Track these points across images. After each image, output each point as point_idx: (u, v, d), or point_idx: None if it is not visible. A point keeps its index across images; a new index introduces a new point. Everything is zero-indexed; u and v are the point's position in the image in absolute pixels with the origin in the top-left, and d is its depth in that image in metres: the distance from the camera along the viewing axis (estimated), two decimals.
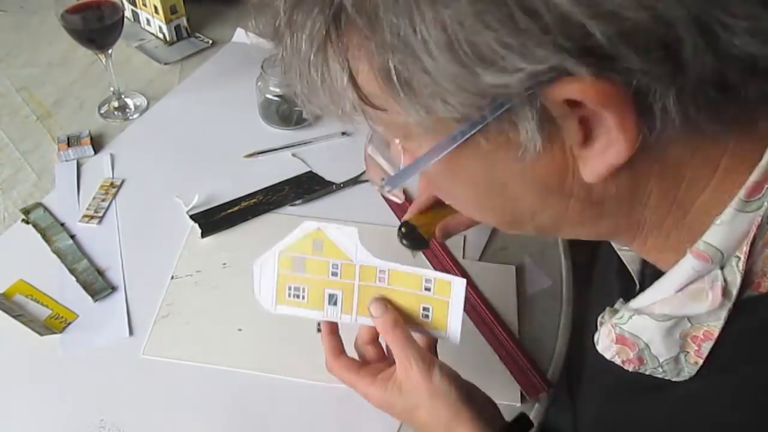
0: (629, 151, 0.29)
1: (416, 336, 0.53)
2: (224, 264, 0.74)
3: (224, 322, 0.68)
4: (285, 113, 0.91)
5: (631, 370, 0.40)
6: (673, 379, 0.39)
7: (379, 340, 0.57)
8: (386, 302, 0.53)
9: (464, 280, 0.53)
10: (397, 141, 0.36)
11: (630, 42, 0.25)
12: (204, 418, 0.61)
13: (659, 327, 0.37)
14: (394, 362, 0.53)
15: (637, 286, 0.48)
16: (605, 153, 0.30)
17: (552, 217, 0.36)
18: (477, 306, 0.70)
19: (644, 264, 0.47)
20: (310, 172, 0.86)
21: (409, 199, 0.82)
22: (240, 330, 0.68)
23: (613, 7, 0.24)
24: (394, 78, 0.29)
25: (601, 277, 0.58)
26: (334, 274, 0.55)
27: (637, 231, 0.36)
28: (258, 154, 0.88)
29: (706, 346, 0.36)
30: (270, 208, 0.80)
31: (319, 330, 0.67)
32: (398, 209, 0.80)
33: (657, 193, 0.33)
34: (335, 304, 0.56)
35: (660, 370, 0.39)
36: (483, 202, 0.37)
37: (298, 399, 0.63)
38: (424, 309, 0.54)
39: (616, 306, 0.43)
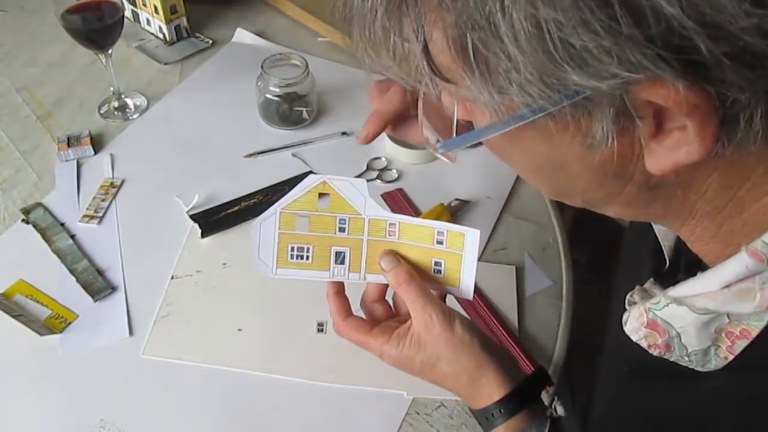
0: (702, 156, 0.28)
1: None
2: (224, 264, 0.74)
3: (224, 322, 0.69)
4: (285, 113, 0.91)
5: (655, 354, 0.39)
6: (697, 369, 0.38)
7: (385, 297, 0.56)
8: (397, 255, 0.52)
9: (478, 231, 0.51)
10: (460, 107, 0.35)
11: (735, 57, 0.25)
12: (204, 418, 0.61)
13: (696, 319, 0.36)
14: (404, 319, 0.52)
15: (667, 264, 0.47)
16: (675, 150, 0.29)
17: (604, 196, 0.36)
18: (477, 306, 0.70)
19: (679, 243, 0.45)
20: (310, 172, 0.86)
21: (410, 204, 0.82)
22: (240, 330, 0.68)
23: (724, 22, 0.24)
24: (471, 54, 0.28)
25: (632, 252, 0.56)
26: (342, 229, 0.52)
27: (688, 218, 0.36)
28: (258, 154, 0.88)
29: (741, 344, 0.35)
30: None
31: (319, 330, 0.67)
32: (394, 205, 0.80)
33: (717, 186, 0.33)
34: (342, 262, 0.53)
35: (686, 359, 0.38)
36: (538, 173, 0.37)
37: (298, 399, 0.63)
38: (436, 263, 0.52)
39: (646, 286, 0.42)
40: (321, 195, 0.52)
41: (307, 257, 0.53)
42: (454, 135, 0.36)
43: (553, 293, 0.73)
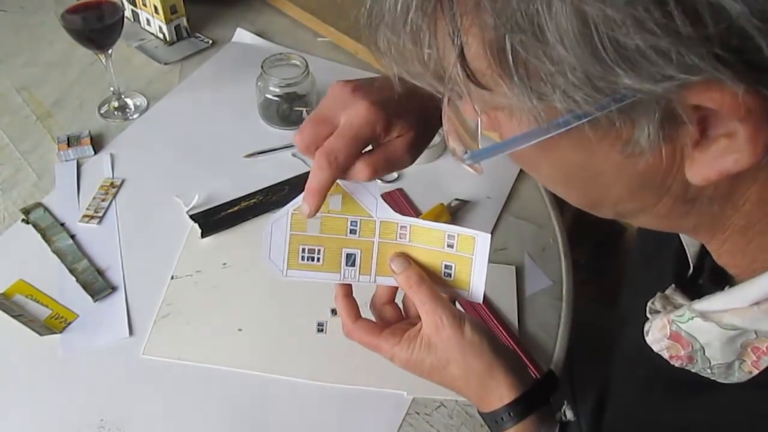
0: (751, 164, 0.27)
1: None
2: (224, 264, 0.74)
3: (224, 322, 0.69)
4: (285, 113, 0.91)
5: (677, 366, 0.39)
6: (719, 381, 0.37)
7: (395, 300, 0.56)
8: (408, 257, 0.52)
9: (489, 235, 0.50)
10: (485, 117, 0.33)
11: None
12: (204, 418, 0.61)
13: (722, 334, 0.35)
14: (414, 321, 0.52)
15: (691, 270, 0.45)
16: (721, 158, 0.27)
17: (637, 208, 0.34)
18: (477, 306, 0.70)
19: (705, 249, 0.44)
20: (310, 172, 0.86)
21: (410, 204, 0.82)
22: (240, 330, 0.68)
23: None
24: (510, 59, 0.26)
25: (648, 254, 0.55)
26: (353, 231, 0.52)
27: (719, 232, 0.35)
28: (258, 154, 0.88)
29: (767, 360, 0.34)
30: (270, 208, 0.80)
31: (319, 330, 0.67)
32: (394, 205, 0.80)
33: (754, 200, 0.32)
34: (353, 264, 0.53)
35: (708, 371, 0.37)
36: (569, 184, 0.35)
37: (298, 399, 0.63)
38: (446, 267, 0.52)
39: (668, 292, 0.41)
40: (332, 196, 0.51)
41: (318, 259, 0.53)
42: (479, 145, 0.35)
43: (553, 293, 0.73)
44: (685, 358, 0.38)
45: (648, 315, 0.41)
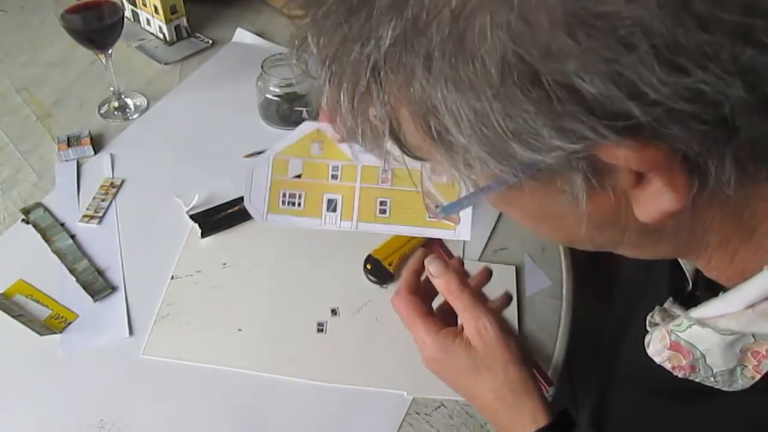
0: (683, 204, 0.28)
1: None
2: (224, 264, 0.74)
3: (224, 322, 0.69)
4: (285, 113, 0.91)
5: (680, 376, 0.39)
6: (724, 389, 0.38)
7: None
8: (444, 262, 0.51)
9: None
10: (445, 178, 0.36)
11: (671, 119, 0.24)
12: (204, 418, 0.61)
13: (720, 340, 0.36)
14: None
15: (690, 285, 0.46)
16: (659, 198, 0.28)
17: (609, 242, 0.36)
18: None
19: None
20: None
21: None
22: (240, 330, 0.68)
23: (648, 90, 0.24)
24: (435, 135, 0.29)
25: (643, 267, 0.55)
26: (334, 176, 0.54)
27: (701, 251, 0.35)
28: (258, 154, 0.88)
29: (767, 364, 0.35)
30: None
31: (319, 330, 0.67)
32: None
33: (722, 218, 0.33)
34: (334, 210, 0.55)
35: (712, 379, 0.38)
36: (538, 226, 0.37)
37: (298, 399, 0.63)
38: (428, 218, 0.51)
39: (666, 305, 0.41)
40: (314, 141, 0.52)
41: (299, 204, 0.54)
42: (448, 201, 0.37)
43: (553, 293, 0.73)
44: (688, 367, 0.38)
45: (648, 328, 0.41)
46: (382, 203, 0.55)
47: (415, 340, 0.52)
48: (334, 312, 0.69)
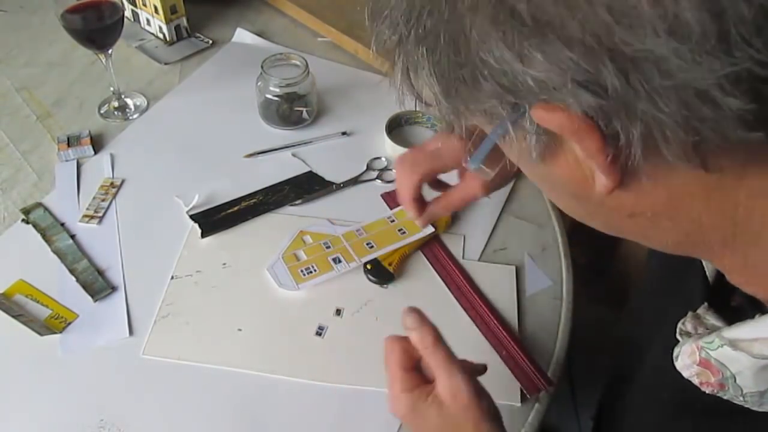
0: (613, 183, 0.30)
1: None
2: (224, 264, 0.74)
3: (224, 322, 0.68)
4: (285, 113, 0.91)
5: (708, 392, 0.38)
6: (753, 409, 0.37)
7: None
8: (421, 315, 0.51)
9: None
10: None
11: (572, 89, 0.26)
12: (204, 418, 0.61)
13: (753, 363, 0.35)
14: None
15: (710, 285, 0.45)
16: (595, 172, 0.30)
17: (602, 223, 0.36)
18: (477, 305, 0.70)
19: None
20: (310, 172, 0.86)
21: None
22: (240, 330, 0.68)
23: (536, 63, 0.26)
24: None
25: (672, 270, 0.54)
26: (328, 247, 0.75)
27: (707, 250, 0.35)
28: (258, 154, 0.88)
29: None
30: (270, 208, 0.80)
31: (317, 334, 0.67)
32: (393, 205, 0.80)
33: (707, 213, 0.32)
34: (340, 262, 0.73)
35: (741, 399, 0.37)
36: (550, 198, 0.39)
37: (298, 399, 0.63)
38: (400, 231, 0.76)
39: (700, 311, 0.40)
40: (303, 237, 0.76)
41: (315, 270, 0.72)
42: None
43: (553, 293, 0.73)
44: (716, 385, 0.37)
45: (678, 336, 0.40)
46: (367, 243, 0.75)
47: (388, 394, 0.51)
48: (338, 312, 0.69)
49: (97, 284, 0.71)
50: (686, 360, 0.38)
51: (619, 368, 0.64)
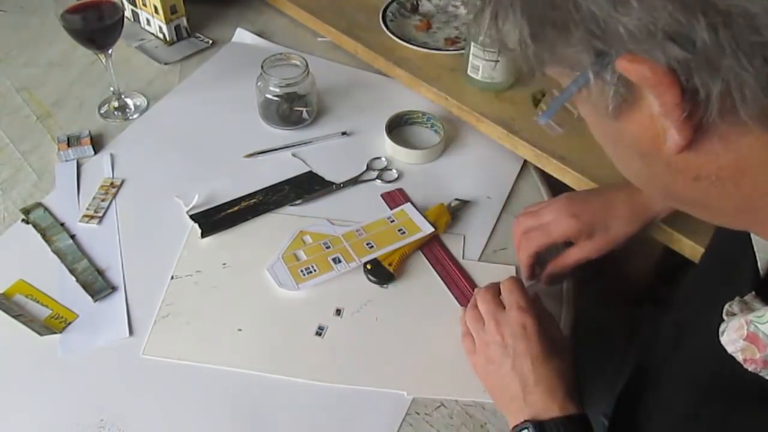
0: (685, 140, 0.30)
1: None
2: (224, 264, 0.74)
3: (224, 322, 0.68)
4: (285, 113, 0.91)
5: (750, 369, 0.38)
6: None
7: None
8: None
9: (408, 203, 0.80)
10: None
11: (661, 42, 0.27)
12: (204, 418, 0.61)
13: None
14: None
15: (760, 277, 0.45)
16: (670, 129, 0.30)
17: (663, 188, 0.36)
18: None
19: None
20: (310, 172, 0.86)
21: (404, 195, 0.82)
22: (240, 330, 0.68)
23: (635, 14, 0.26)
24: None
25: (721, 259, 0.55)
26: (328, 247, 0.74)
27: (765, 221, 0.34)
28: (258, 154, 0.88)
29: None
30: (270, 208, 0.80)
31: (317, 334, 0.68)
32: (393, 205, 0.80)
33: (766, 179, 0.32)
34: (340, 262, 0.73)
35: None
36: (611, 155, 0.39)
37: (298, 399, 0.63)
38: (400, 231, 0.76)
39: (747, 298, 0.40)
40: (303, 237, 0.76)
41: (315, 270, 0.72)
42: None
43: (553, 293, 0.73)
44: (760, 362, 0.37)
45: (724, 317, 0.40)
46: (367, 243, 0.74)
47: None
48: (338, 312, 0.69)
49: (97, 284, 0.71)
50: (732, 335, 0.38)
51: (648, 359, 0.64)
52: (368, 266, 0.72)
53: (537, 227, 0.70)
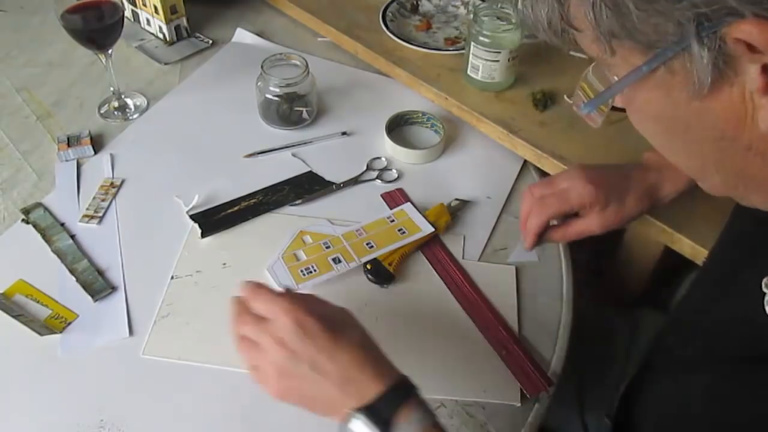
0: None
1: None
2: (224, 264, 0.74)
3: (224, 322, 0.68)
4: (285, 113, 0.91)
5: None
6: None
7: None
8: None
9: (408, 203, 0.80)
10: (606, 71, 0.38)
11: None
12: (204, 418, 0.61)
13: None
14: None
15: None
16: None
17: (734, 172, 0.36)
18: (477, 305, 0.70)
19: None
20: (310, 172, 0.86)
21: (404, 195, 0.82)
22: None
23: None
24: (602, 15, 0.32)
25: (751, 234, 0.54)
26: (328, 247, 0.74)
27: None
28: (258, 154, 0.88)
29: None
30: (270, 208, 0.80)
31: None
32: (393, 205, 0.80)
33: None
34: (340, 262, 0.73)
35: None
36: (670, 142, 0.38)
37: None
38: (400, 231, 0.76)
39: None
40: (303, 237, 0.76)
41: (315, 269, 0.72)
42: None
43: (553, 293, 0.73)
44: None
45: (764, 288, 0.41)
46: (367, 243, 0.74)
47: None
48: None
49: (97, 284, 0.71)
50: None
51: (664, 339, 0.64)
52: (368, 266, 0.72)
53: (553, 194, 0.68)
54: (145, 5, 1.07)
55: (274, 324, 0.51)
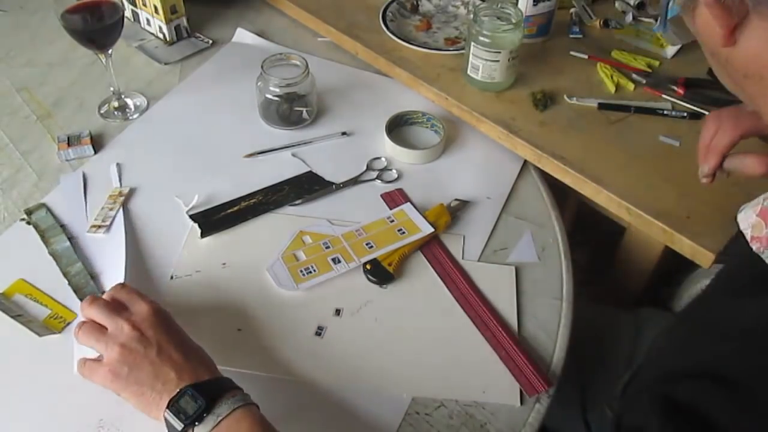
0: None
1: None
2: (224, 264, 0.74)
3: (224, 322, 0.68)
4: (285, 113, 0.91)
5: (754, 248, 0.38)
6: None
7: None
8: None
9: (408, 204, 0.80)
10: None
11: None
12: None
13: None
14: None
15: None
16: None
17: None
18: (476, 306, 0.70)
19: None
20: (310, 172, 0.86)
21: (404, 196, 0.82)
22: (240, 330, 0.68)
23: None
24: None
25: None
26: (327, 247, 0.75)
27: None
28: (258, 154, 0.88)
29: None
30: (270, 208, 0.80)
31: (317, 333, 0.67)
32: (393, 205, 0.80)
33: None
34: (339, 262, 0.73)
35: None
36: (753, 84, 0.38)
37: (298, 399, 0.63)
38: (400, 231, 0.76)
39: None
40: (303, 237, 0.76)
41: (315, 270, 0.72)
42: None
43: (553, 293, 0.73)
44: (765, 240, 0.38)
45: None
46: (367, 243, 0.74)
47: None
48: (338, 312, 0.69)
49: (87, 288, 0.70)
50: (749, 212, 0.40)
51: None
52: (368, 266, 0.72)
53: (745, 112, 0.62)
54: (145, 5, 1.07)
55: (135, 310, 0.59)
